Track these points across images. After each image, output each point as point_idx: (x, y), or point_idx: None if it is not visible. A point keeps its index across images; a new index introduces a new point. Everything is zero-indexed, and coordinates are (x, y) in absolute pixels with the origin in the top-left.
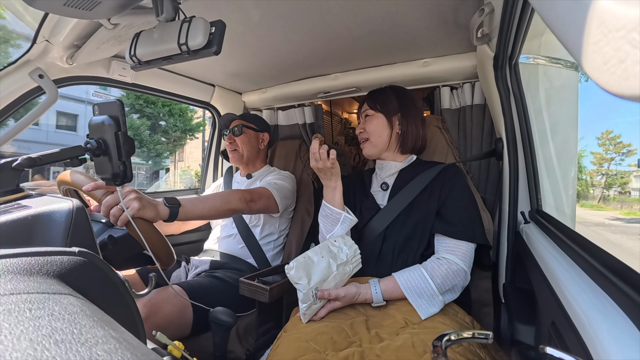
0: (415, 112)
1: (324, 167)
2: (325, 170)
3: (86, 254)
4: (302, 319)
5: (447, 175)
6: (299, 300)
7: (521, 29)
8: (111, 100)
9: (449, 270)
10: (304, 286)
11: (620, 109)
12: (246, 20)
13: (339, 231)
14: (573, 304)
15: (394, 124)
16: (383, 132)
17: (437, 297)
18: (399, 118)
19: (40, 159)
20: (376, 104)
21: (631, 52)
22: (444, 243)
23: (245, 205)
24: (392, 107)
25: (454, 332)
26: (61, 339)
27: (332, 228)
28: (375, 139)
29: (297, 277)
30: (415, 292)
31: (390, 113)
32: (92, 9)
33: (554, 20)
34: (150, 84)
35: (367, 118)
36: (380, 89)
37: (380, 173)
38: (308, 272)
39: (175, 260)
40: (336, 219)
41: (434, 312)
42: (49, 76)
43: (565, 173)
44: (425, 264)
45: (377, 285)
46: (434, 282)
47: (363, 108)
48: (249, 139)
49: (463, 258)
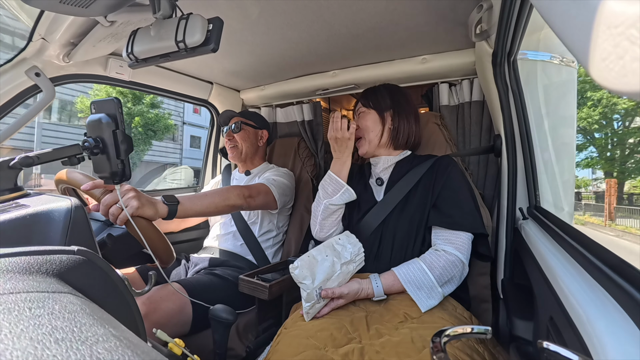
0: (409, 108)
1: (342, 137)
2: (342, 141)
3: (85, 252)
4: (304, 317)
5: (441, 167)
6: (302, 299)
7: (520, 25)
8: (108, 98)
9: (447, 261)
10: (308, 286)
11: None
12: (244, 17)
13: (336, 200)
14: (571, 300)
15: (386, 120)
16: (375, 127)
17: (436, 289)
18: (391, 114)
19: (38, 157)
20: (369, 101)
21: (630, 49)
22: (440, 235)
23: (243, 201)
24: (384, 103)
25: (452, 328)
26: (61, 338)
27: (331, 195)
28: (368, 134)
29: (302, 276)
30: (415, 284)
31: (382, 109)
32: (88, 7)
33: (553, 16)
34: (147, 82)
35: (360, 115)
36: (374, 87)
37: (374, 169)
38: (312, 271)
39: (174, 259)
40: (337, 188)
41: (433, 304)
42: (45, 74)
43: (563, 169)
44: (424, 256)
45: (377, 280)
46: (432, 274)
47: (357, 107)
48: (248, 136)
49: (460, 249)
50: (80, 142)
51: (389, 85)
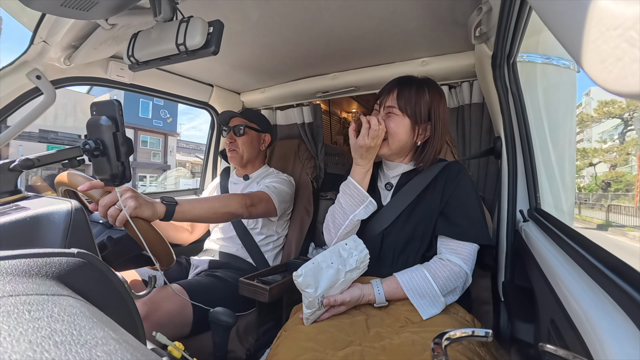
0: (444, 126)
1: (376, 145)
2: (373, 149)
3: (85, 255)
4: (304, 322)
5: (451, 174)
6: (303, 305)
7: (519, 27)
8: (109, 100)
9: (452, 272)
10: (310, 294)
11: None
12: (244, 19)
13: (360, 214)
14: (572, 302)
15: (419, 133)
16: (404, 137)
17: (439, 298)
18: (425, 128)
19: (39, 160)
20: (407, 107)
21: (629, 50)
22: (446, 244)
23: (245, 210)
24: (423, 114)
25: (454, 331)
26: (61, 341)
27: (354, 208)
28: (393, 140)
29: (305, 284)
30: (418, 293)
31: (419, 121)
32: (89, 10)
33: (552, 18)
34: (148, 85)
35: (390, 116)
36: (416, 89)
37: (388, 172)
38: (316, 278)
39: (174, 262)
40: (361, 200)
41: (435, 313)
42: (46, 77)
43: (563, 171)
44: (428, 264)
45: (379, 287)
46: (436, 284)
47: (389, 101)
48: (251, 141)
49: (466, 260)
50: (80, 145)
51: (432, 88)
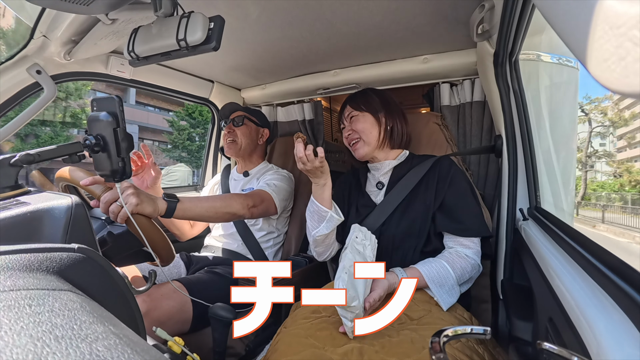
0: (397, 108)
1: (312, 168)
2: (314, 171)
3: (86, 250)
4: (349, 335)
5: (442, 168)
6: (346, 319)
7: (521, 25)
8: (109, 96)
9: (467, 264)
10: (357, 306)
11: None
12: (245, 15)
13: (322, 230)
14: (570, 301)
15: (382, 121)
16: (373, 129)
17: (456, 287)
18: (384, 115)
19: (39, 155)
20: (360, 105)
21: (632, 50)
22: (454, 239)
23: (246, 211)
24: (376, 106)
25: (452, 328)
26: (61, 335)
27: (317, 225)
28: (367, 136)
29: (350, 299)
30: (438, 282)
31: (376, 111)
32: (89, 4)
33: (555, 16)
34: (148, 80)
35: (352, 119)
36: (359, 92)
37: (375, 173)
38: (355, 289)
39: (175, 258)
40: (322, 216)
41: (452, 302)
42: (46, 72)
43: (564, 170)
44: (444, 256)
45: (404, 275)
46: (454, 273)
47: (346, 112)
48: (249, 132)
49: (476, 253)
50: (81, 140)
51: (372, 89)
